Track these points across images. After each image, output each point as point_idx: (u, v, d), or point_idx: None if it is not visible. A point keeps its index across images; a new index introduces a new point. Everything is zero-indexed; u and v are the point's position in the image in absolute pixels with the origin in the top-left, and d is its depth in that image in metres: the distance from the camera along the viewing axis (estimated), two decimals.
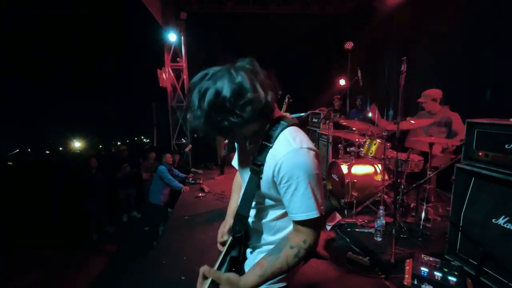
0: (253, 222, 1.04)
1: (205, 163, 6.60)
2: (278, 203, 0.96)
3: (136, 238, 4.94)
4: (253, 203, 0.98)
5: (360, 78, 3.57)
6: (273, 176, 0.87)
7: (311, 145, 0.87)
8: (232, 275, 0.82)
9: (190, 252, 2.77)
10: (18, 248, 4.80)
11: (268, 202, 0.97)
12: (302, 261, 0.88)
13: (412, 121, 2.98)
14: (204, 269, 0.83)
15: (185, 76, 6.57)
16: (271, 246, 0.92)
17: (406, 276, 1.97)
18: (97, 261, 4.32)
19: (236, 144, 1.10)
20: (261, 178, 0.90)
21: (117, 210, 5.85)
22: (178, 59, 6.51)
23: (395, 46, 5.48)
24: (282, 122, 0.91)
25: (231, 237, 1.02)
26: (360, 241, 2.68)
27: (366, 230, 2.79)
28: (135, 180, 5.76)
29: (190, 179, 5.31)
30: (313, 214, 0.84)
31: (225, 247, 0.99)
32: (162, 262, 2.60)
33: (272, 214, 1.00)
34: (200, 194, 4.53)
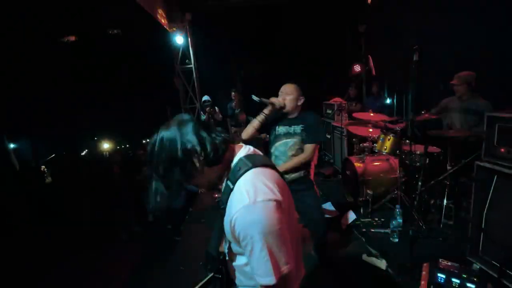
0: (227, 262, 0.96)
1: None
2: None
3: (160, 236, 5.17)
4: (225, 246, 0.94)
5: (372, 67, 3.39)
6: (231, 232, 0.80)
7: (271, 194, 0.76)
8: None
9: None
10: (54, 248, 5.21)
11: (237, 248, 0.88)
12: None
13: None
14: None
15: (195, 77, 6.61)
16: None
17: (422, 282, 1.90)
18: (128, 260, 4.57)
19: None
20: (223, 221, 0.85)
21: (143, 210, 6.14)
22: (187, 60, 6.55)
23: (411, 26, 5.08)
24: (244, 162, 0.84)
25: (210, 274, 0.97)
26: (376, 242, 2.62)
27: (382, 231, 2.71)
28: None
29: None
30: (270, 280, 0.74)
31: (201, 283, 0.95)
32: (180, 268, 2.72)
33: (244, 259, 0.89)
34: (217, 195, 4.62)
